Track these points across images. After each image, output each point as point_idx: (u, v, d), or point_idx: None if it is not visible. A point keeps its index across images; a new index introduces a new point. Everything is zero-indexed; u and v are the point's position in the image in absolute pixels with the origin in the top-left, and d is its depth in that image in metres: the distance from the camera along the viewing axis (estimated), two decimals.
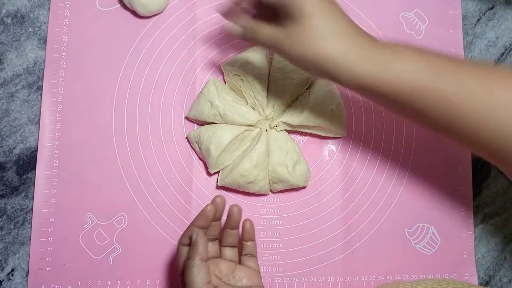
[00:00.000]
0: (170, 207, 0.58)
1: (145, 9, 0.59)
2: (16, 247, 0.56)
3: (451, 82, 0.40)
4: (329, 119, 0.57)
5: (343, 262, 0.59)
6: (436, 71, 0.40)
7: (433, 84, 0.40)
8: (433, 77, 0.40)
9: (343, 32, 0.42)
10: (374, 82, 0.42)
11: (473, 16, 0.66)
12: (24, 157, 0.57)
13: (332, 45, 0.42)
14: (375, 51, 0.42)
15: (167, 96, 0.59)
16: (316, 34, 0.42)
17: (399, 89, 0.41)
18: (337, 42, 0.42)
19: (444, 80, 0.40)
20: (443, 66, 0.41)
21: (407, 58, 0.41)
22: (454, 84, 0.40)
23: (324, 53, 0.42)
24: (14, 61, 0.58)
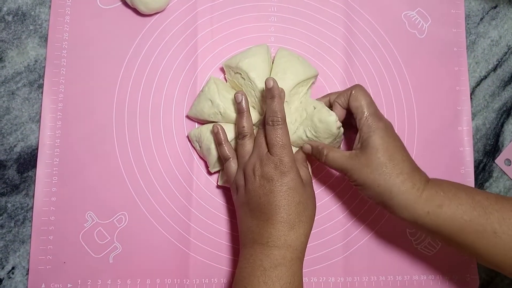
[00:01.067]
0: (171, 205, 0.57)
1: (147, 7, 0.58)
2: (17, 246, 0.56)
3: (496, 222, 0.45)
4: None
5: (344, 262, 0.59)
6: (485, 209, 0.45)
7: (481, 224, 0.45)
8: (481, 217, 0.45)
9: (402, 170, 0.47)
10: (429, 221, 0.46)
11: (476, 15, 0.66)
12: (24, 155, 0.57)
13: (391, 180, 0.47)
14: (430, 192, 0.47)
15: (168, 94, 0.59)
16: (377, 167, 0.47)
17: (452, 228, 0.46)
18: (396, 177, 0.47)
19: (491, 219, 0.45)
20: (490, 205, 0.46)
21: (459, 200, 0.46)
22: (500, 223, 0.45)
23: (383, 185, 0.47)
24: (15, 59, 0.58)
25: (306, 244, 0.49)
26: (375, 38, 0.63)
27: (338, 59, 0.62)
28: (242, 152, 0.53)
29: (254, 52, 0.58)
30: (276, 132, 0.50)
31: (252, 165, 0.50)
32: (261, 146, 0.51)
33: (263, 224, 0.48)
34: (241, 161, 0.53)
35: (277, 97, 0.51)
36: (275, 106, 0.51)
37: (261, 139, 0.52)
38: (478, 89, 0.65)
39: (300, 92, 0.58)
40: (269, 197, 0.48)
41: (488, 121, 0.64)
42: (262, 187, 0.49)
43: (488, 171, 0.64)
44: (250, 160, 0.51)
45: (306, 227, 0.49)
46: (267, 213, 0.48)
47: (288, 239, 0.47)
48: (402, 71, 0.63)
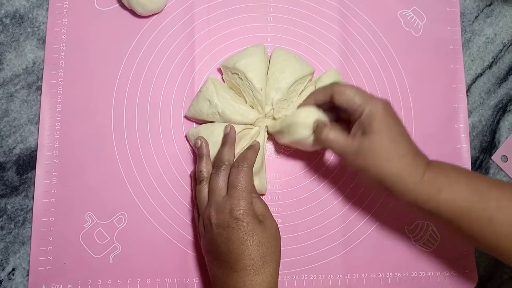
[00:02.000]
0: (170, 205, 0.58)
1: (144, 9, 0.59)
2: (17, 247, 0.56)
3: (493, 208, 0.45)
4: None
5: (343, 259, 0.59)
6: (483, 196, 0.46)
7: (478, 210, 0.45)
8: (479, 203, 0.45)
9: (404, 153, 0.47)
10: (429, 205, 0.47)
11: (471, 13, 0.66)
12: (24, 157, 0.57)
13: (394, 163, 0.46)
14: (430, 175, 0.47)
15: (166, 95, 0.60)
16: (380, 151, 0.46)
17: (450, 212, 0.46)
18: (398, 161, 0.46)
19: (490, 205, 0.45)
20: (489, 191, 0.46)
21: (458, 185, 0.46)
22: (496, 210, 0.45)
23: (386, 171, 0.46)
24: (13, 61, 0.59)
25: (276, 280, 0.48)
26: (371, 37, 0.64)
27: (334, 58, 0.62)
28: (200, 198, 0.52)
29: (251, 52, 0.58)
30: (240, 173, 0.50)
31: (208, 214, 0.49)
32: (215, 191, 0.50)
33: (227, 272, 0.47)
34: (200, 208, 0.52)
35: (252, 147, 0.53)
36: (247, 153, 0.52)
37: (216, 183, 0.50)
38: (474, 86, 0.65)
39: (297, 89, 0.58)
40: (228, 245, 0.47)
41: (484, 118, 0.65)
42: (219, 235, 0.48)
43: (485, 168, 0.64)
44: (207, 209, 0.50)
45: (272, 265, 0.48)
46: (228, 261, 0.47)
47: (254, 284, 0.46)
48: (398, 70, 0.63)
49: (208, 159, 0.54)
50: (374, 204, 0.60)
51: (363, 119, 0.47)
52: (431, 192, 0.46)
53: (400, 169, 0.46)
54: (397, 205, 0.60)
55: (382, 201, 0.60)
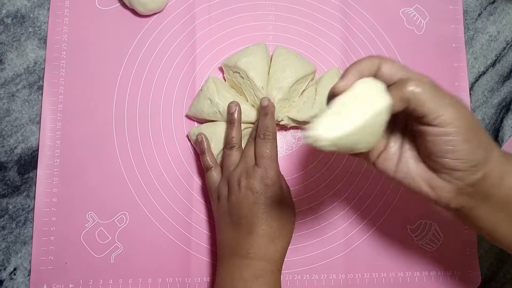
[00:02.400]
0: (171, 205, 0.58)
1: (145, 8, 0.59)
2: (18, 247, 0.56)
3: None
4: None
5: (344, 259, 0.59)
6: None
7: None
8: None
9: (487, 144, 0.38)
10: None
11: (474, 10, 0.66)
12: (25, 156, 0.57)
13: (482, 154, 0.38)
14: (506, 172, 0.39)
15: (167, 94, 0.59)
16: (469, 139, 0.37)
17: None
18: (484, 154, 0.38)
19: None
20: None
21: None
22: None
23: (477, 159, 0.37)
24: (14, 61, 0.59)
25: (284, 257, 0.49)
26: (373, 35, 0.63)
27: (336, 57, 0.62)
28: (228, 162, 0.53)
29: (252, 51, 0.58)
30: (266, 144, 0.51)
31: (237, 175, 0.51)
32: (249, 158, 0.52)
33: (244, 235, 0.48)
34: (226, 171, 0.53)
35: (270, 114, 0.52)
36: (268, 122, 0.52)
37: (250, 151, 0.52)
38: (477, 84, 0.65)
39: (299, 89, 0.58)
40: (252, 209, 0.48)
41: (487, 116, 0.64)
42: (246, 198, 0.49)
43: None
44: (236, 170, 0.51)
45: (285, 241, 0.49)
46: (248, 224, 0.48)
47: (268, 252, 0.47)
48: None
49: (239, 126, 0.55)
50: (376, 204, 0.60)
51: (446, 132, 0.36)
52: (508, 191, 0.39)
53: (486, 160, 0.38)
54: (399, 204, 0.60)
55: (384, 200, 0.60)
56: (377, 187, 0.60)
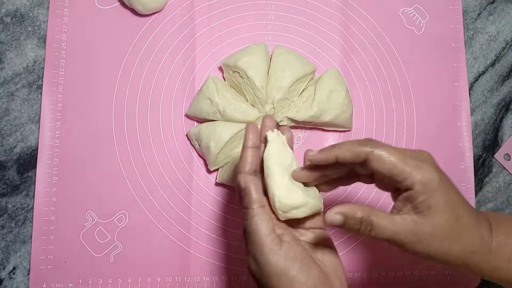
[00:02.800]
0: (170, 204, 0.58)
1: (144, 7, 0.59)
2: (18, 246, 0.56)
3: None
4: (336, 114, 0.57)
5: (344, 258, 0.58)
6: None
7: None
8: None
9: (470, 228, 0.38)
10: (497, 276, 0.40)
11: (473, 10, 0.66)
12: (24, 155, 0.57)
13: (462, 244, 0.38)
14: (498, 243, 0.39)
15: (166, 93, 0.59)
16: (445, 235, 0.37)
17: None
18: (466, 240, 0.38)
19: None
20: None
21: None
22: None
23: (453, 253, 0.38)
24: (14, 60, 0.59)
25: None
26: (372, 35, 0.63)
27: (335, 56, 0.62)
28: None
29: (252, 51, 0.58)
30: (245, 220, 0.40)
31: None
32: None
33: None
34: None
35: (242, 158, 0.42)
36: (240, 180, 0.41)
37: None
38: (477, 84, 0.65)
39: (298, 88, 0.58)
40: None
41: (487, 116, 0.64)
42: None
43: (488, 166, 0.64)
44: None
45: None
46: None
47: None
48: (400, 68, 0.63)
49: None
50: (376, 203, 0.60)
51: (415, 194, 0.36)
52: (499, 263, 0.39)
53: (468, 247, 0.38)
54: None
55: (383, 200, 0.60)
56: (376, 187, 0.60)
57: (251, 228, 0.37)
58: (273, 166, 0.39)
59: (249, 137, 0.41)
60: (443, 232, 0.37)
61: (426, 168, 0.37)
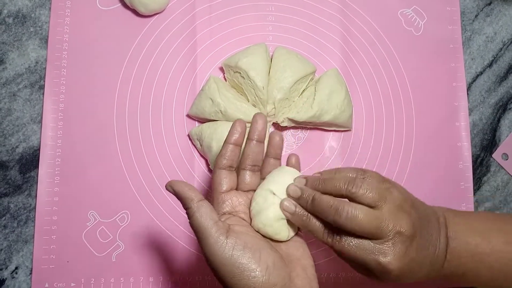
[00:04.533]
0: (172, 203, 0.58)
1: (146, 8, 0.59)
2: (20, 245, 0.56)
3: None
4: (336, 114, 0.58)
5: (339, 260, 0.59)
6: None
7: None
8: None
9: (421, 267, 0.40)
10: (452, 280, 0.44)
11: (471, 12, 0.67)
12: (26, 155, 0.58)
13: (413, 278, 0.40)
14: (447, 268, 0.42)
15: (168, 94, 0.60)
16: (399, 274, 0.39)
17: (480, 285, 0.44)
18: (417, 276, 0.41)
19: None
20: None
21: (484, 264, 0.42)
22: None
23: (405, 282, 0.40)
24: (16, 60, 0.59)
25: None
26: (372, 36, 0.64)
27: (335, 57, 0.63)
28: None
29: (253, 51, 0.58)
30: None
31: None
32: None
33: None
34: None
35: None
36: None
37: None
38: (474, 85, 0.65)
39: (299, 89, 0.59)
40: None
41: (484, 116, 0.65)
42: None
43: (486, 166, 0.64)
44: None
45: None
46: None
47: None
48: (399, 69, 0.64)
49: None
50: None
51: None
52: (453, 277, 0.43)
53: (418, 278, 0.41)
54: None
55: None
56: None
57: (195, 224, 0.38)
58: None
59: (233, 135, 0.42)
60: (396, 271, 0.38)
61: (389, 234, 0.38)
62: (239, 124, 0.42)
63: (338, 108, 0.58)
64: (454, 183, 0.62)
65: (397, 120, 0.63)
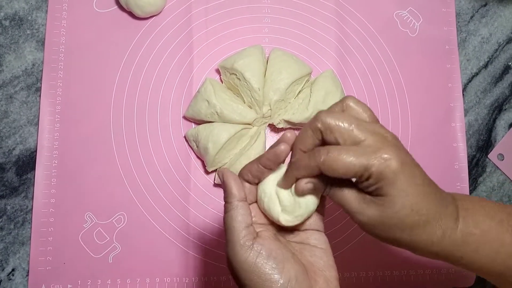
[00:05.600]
0: (169, 205, 0.58)
1: (142, 11, 0.59)
2: (16, 247, 0.56)
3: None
4: None
5: (341, 258, 0.59)
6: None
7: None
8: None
9: (434, 213, 0.37)
10: (464, 265, 0.39)
11: (466, 13, 0.67)
12: (23, 157, 0.58)
13: (424, 230, 0.37)
14: (464, 233, 0.38)
15: (164, 95, 0.60)
16: (405, 221, 0.36)
17: (491, 271, 0.39)
18: (428, 227, 0.37)
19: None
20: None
21: (500, 241, 0.38)
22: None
23: (415, 239, 0.37)
24: (12, 63, 0.59)
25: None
26: (367, 38, 0.64)
27: (331, 58, 0.63)
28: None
29: (249, 53, 0.58)
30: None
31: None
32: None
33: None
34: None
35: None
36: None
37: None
38: (470, 85, 0.66)
39: (295, 90, 0.59)
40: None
41: (480, 117, 0.65)
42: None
43: (482, 166, 0.64)
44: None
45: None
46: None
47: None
48: (395, 70, 0.64)
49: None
50: None
51: (369, 184, 0.35)
52: (465, 253, 0.38)
53: (431, 234, 0.37)
54: None
55: None
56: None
57: (227, 222, 0.37)
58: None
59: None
60: (404, 219, 0.36)
61: (380, 158, 0.35)
62: (285, 149, 0.38)
63: None
64: (450, 183, 0.62)
65: (392, 121, 0.63)
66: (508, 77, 0.66)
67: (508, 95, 0.66)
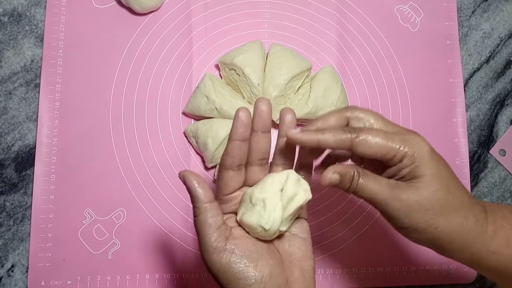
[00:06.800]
0: (168, 201, 0.58)
1: (141, 6, 0.59)
2: (16, 244, 0.56)
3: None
4: (331, 111, 0.57)
5: (340, 254, 0.59)
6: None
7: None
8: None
9: (461, 203, 0.37)
10: (494, 263, 0.38)
11: (468, 8, 0.66)
12: (22, 154, 0.58)
13: (451, 218, 0.36)
14: (495, 226, 0.37)
15: (164, 91, 0.60)
16: (432, 206, 0.36)
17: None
18: (456, 215, 0.36)
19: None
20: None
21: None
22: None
23: (441, 229, 0.37)
24: (11, 59, 0.59)
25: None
26: (368, 33, 0.64)
27: (331, 54, 0.63)
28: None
29: (249, 48, 0.58)
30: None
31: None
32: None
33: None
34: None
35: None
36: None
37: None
38: (472, 80, 0.65)
39: (295, 85, 0.59)
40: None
41: (482, 112, 0.65)
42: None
43: (483, 162, 0.64)
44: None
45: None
46: None
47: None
48: (396, 65, 0.64)
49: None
50: None
51: (403, 166, 0.36)
52: (497, 247, 0.37)
53: (460, 224, 0.36)
54: None
55: None
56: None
57: (198, 225, 0.37)
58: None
59: (238, 128, 0.36)
60: (432, 204, 0.36)
61: (412, 140, 0.36)
62: (244, 115, 0.36)
63: (333, 105, 0.57)
64: None
65: (393, 117, 0.62)
66: (510, 72, 0.66)
67: (510, 90, 0.66)
